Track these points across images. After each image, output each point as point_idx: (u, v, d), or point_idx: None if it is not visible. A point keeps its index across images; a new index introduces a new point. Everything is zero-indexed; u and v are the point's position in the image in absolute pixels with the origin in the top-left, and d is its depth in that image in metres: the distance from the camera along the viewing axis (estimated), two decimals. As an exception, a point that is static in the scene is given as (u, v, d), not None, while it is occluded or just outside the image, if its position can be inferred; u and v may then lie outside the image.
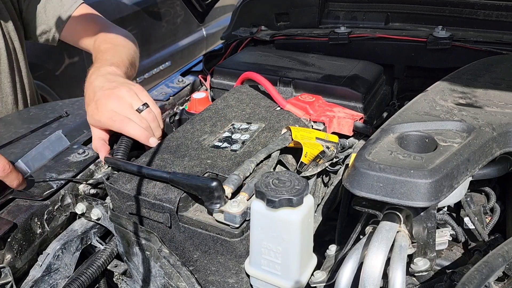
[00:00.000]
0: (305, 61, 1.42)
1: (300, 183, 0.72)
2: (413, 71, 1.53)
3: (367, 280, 0.67)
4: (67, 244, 0.96)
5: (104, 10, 3.20)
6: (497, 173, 0.88)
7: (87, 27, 1.46)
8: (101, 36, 1.41)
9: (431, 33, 1.46)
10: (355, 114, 1.16)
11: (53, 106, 1.42)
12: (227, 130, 1.05)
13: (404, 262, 0.69)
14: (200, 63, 1.62)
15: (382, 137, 0.79)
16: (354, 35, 1.56)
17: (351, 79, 1.26)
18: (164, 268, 0.87)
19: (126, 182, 0.90)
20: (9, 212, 0.92)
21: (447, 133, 0.80)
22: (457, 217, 0.93)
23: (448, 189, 0.70)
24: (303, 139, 0.96)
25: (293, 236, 0.72)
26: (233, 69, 1.39)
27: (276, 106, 1.15)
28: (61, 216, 0.99)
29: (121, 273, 0.99)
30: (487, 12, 1.50)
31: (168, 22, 3.85)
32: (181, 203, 0.83)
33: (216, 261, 0.83)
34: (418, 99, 0.93)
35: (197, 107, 1.35)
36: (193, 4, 1.92)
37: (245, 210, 0.77)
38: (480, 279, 0.59)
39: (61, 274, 0.95)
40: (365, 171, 0.71)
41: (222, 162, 0.92)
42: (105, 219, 0.98)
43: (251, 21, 1.81)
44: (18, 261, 0.89)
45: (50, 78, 2.77)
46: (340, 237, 0.93)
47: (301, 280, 0.76)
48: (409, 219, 0.75)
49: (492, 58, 1.17)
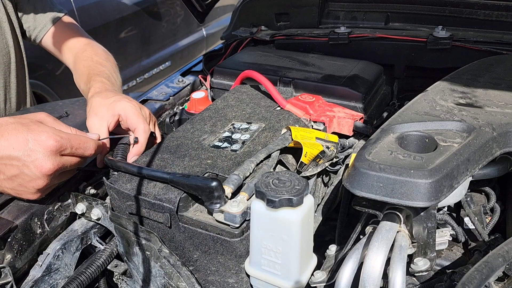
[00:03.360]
0: (305, 61, 1.42)
1: (300, 183, 0.72)
2: (413, 71, 1.53)
3: (367, 280, 0.67)
4: (67, 244, 0.96)
5: (104, 10, 3.23)
6: (497, 173, 0.88)
7: (69, 37, 1.45)
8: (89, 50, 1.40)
9: (431, 33, 1.46)
10: (355, 114, 1.16)
11: (53, 106, 1.42)
12: (227, 130, 1.05)
13: (404, 262, 0.69)
14: (200, 63, 1.62)
15: (382, 137, 0.79)
16: (354, 35, 1.56)
17: (351, 79, 1.26)
18: (164, 268, 0.87)
19: (126, 182, 0.90)
20: (9, 212, 0.92)
21: (447, 133, 0.80)
22: (457, 217, 0.93)
23: (448, 189, 0.70)
24: (303, 139, 0.96)
25: (293, 236, 0.72)
26: (233, 69, 1.39)
27: (276, 106, 1.15)
28: (61, 216, 0.99)
29: (121, 273, 0.99)
30: (487, 12, 1.50)
31: (168, 22, 3.86)
32: (181, 203, 0.83)
33: (216, 261, 0.83)
34: (418, 99, 0.93)
35: (196, 106, 1.35)
36: (193, 4, 1.92)
37: (245, 210, 0.77)
38: (480, 279, 0.59)
39: (61, 274, 0.95)
40: (365, 171, 0.71)
41: (222, 162, 0.92)
42: (105, 219, 0.98)
43: (251, 21, 1.81)
44: (18, 261, 0.89)
45: (50, 78, 2.77)
46: (340, 237, 0.93)
47: (301, 280, 0.76)
48: (409, 219, 0.75)
49: (492, 58, 1.17)
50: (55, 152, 0.85)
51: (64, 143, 0.86)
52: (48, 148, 0.84)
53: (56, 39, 1.46)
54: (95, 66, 1.29)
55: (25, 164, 0.83)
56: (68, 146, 0.87)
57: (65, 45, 1.44)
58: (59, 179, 0.92)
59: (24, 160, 0.83)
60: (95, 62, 1.31)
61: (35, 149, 0.83)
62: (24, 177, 0.85)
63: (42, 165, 0.84)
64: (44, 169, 0.84)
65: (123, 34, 3.41)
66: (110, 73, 1.27)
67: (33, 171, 0.84)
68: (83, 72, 1.29)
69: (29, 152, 0.83)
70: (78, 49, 1.41)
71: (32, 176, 0.85)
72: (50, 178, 0.86)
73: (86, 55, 1.36)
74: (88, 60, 1.33)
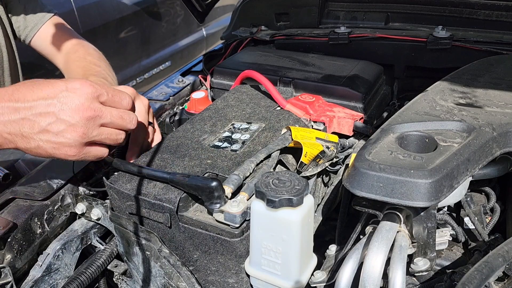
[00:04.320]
0: (305, 61, 1.42)
1: (300, 183, 0.72)
2: (413, 71, 1.53)
3: (367, 280, 0.67)
4: (67, 244, 0.96)
5: (104, 10, 3.23)
6: (497, 173, 0.88)
7: (60, 37, 1.43)
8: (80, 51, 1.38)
9: (431, 33, 1.46)
10: (355, 114, 1.16)
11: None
12: (227, 130, 1.05)
13: (404, 262, 0.69)
14: (200, 63, 1.62)
15: (382, 137, 0.79)
16: (354, 35, 1.56)
17: (351, 79, 1.26)
18: (164, 268, 0.87)
19: (126, 182, 0.90)
20: (9, 212, 0.92)
21: (447, 133, 0.80)
22: (457, 217, 0.93)
23: (448, 189, 0.70)
24: (303, 139, 0.96)
25: (293, 236, 0.72)
26: (233, 69, 1.39)
27: (276, 106, 1.15)
28: (61, 216, 0.99)
29: (121, 273, 0.99)
30: (487, 12, 1.50)
31: (168, 22, 3.85)
32: (181, 203, 0.83)
33: (216, 261, 0.83)
34: (418, 99, 0.93)
35: (196, 106, 1.35)
36: (193, 4, 1.92)
37: (245, 210, 0.77)
38: (480, 279, 0.59)
39: (61, 274, 0.95)
40: (365, 171, 0.71)
41: (222, 162, 0.92)
42: (105, 219, 0.99)
43: (251, 21, 1.81)
44: (18, 261, 0.89)
45: (49, 78, 2.77)
46: (340, 237, 0.93)
47: (301, 280, 0.76)
48: (409, 219, 0.75)
49: (492, 58, 1.17)
50: (91, 96, 0.80)
51: (99, 89, 0.82)
52: (84, 92, 0.80)
53: (46, 39, 1.44)
54: (90, 66, 1.28)
55: (62, 109, 0.79)
56: (104, 92, 0.82)
57: (55, 45, 1.43)
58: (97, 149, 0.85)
59: (61, 104, 0.79)
60: (89, 62, 1.30)
61: (71, 95, 0.79)
62: (60, 125, 0.79)
63: (79, 108, 0.79)
64: (82, 112, 0.79)
65: (123, 34, 3.41)
66: (106, 72, 1.26)
67: (70, 115, 0.79)
68: (78, 73, 1.27)
69: (65, 97, 0.79)
70: (69, 50, 1.39)
71: (70, 121, 0.79)
72: (92, 124, 0.81)
73: (78, 56, 1.34)
74: (81, 61, 1.31)
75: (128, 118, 0.86)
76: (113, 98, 0.85)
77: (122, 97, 0.86)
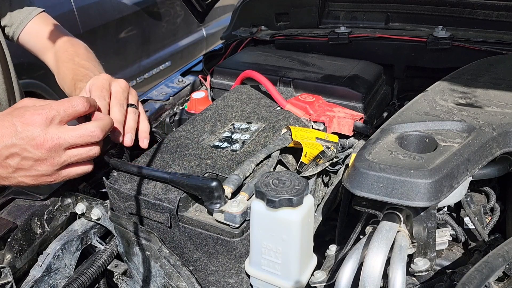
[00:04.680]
0: (305, 61, 1.42)
1: (300, 183, 0.72)
2: (413, 71, 1.53)
3: (367, 280, 0.67)
4: (67, 244, 0.96)
5: (104, 10, 3.23)
6: (497, 173, 0.88)
7: (48, 34, 1.41)
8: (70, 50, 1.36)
9: (431, 33, 1.46)
10: (355, 114, 1.16)
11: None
12: (227, 130, 1.05)
13: (404, 262, 0.69)
14: (200, 63, 1.62)
15: (382, 137, 0.79)
16: (354, 35, 1.56)
17: (351, 79, 1.26)
18: (164, 268, 0.87)
19: (126, 182, 0.90)
20: (9, 212, 0.92)
21: (447, 133, 0.80)
22: (457, 217, 0.93)
23: (448, 189, 0.70)
24: (303, 139, 0.96)
25: (293, 236, 0.72)
26: (233, 69, 1.39)
27: (276, 106, 1.15)
28: (61, 216, 0.99)
29: (121, 273, 0.99)
30: (487, 12, 1.50)
31: (168, 22, 3.86)
32: (181, 203, 0.83)
33: (216, 261, 0.83)
34: (418, 99, 0.93)
35: (196, 106, 1.35)
36: (193, 4, 1.92)
37: (245, 210, 0.77)
38: (480, 279, 0.59)
39: (61, 274, 0.95)
40: (365, 171, 0.71)
41: (222, 162, 0.92)
42: (105, 219, 0.98)
43: (251, 21, 1.81)
44: (18, 261, 0.89)
45: (49, 78, 2.76)
46: (340, 237, 0.93)
47: (301, 280, 0.76)
48: (409, 219, 0.75)
49: (492, 58, 1.17)
50: (44, 124, 0.81)
51: (48, 112, 0.81)
52: (36, 123, 0.80)
53: (34, 36, 1.43)
54: (78, 70, 1.26)
55: (22, 148, 0.80)
56: (55, 112, 0.82)
57: (44, 43, 1.41)
58: (77, 168, 0.87)
59: (20, 144, 0.80)
60: (77, 65, 1.28)
61: (24, 130, 0.80)
62: (28, 161, 0.82)
63: (38, 143, 0.80)
64: (41, 145, 0.80)
65: (123, 34, 3.41)
66: (94, 74, 1.24)
67: (33, 152, 0.81)
68: (66, 75, 1.27)
69: (20, 135, 0.80)
70: (58, 47, 1.38)
71: (34, 157, 0.81)
72: (56, 153, 0.82)
73: (67, 56, 1.33)
74: (70, 62, 1.30)
75: (87, 133, 0.84)
76: (66, 112, 0.83)
77: (74, 104, 0.85)
